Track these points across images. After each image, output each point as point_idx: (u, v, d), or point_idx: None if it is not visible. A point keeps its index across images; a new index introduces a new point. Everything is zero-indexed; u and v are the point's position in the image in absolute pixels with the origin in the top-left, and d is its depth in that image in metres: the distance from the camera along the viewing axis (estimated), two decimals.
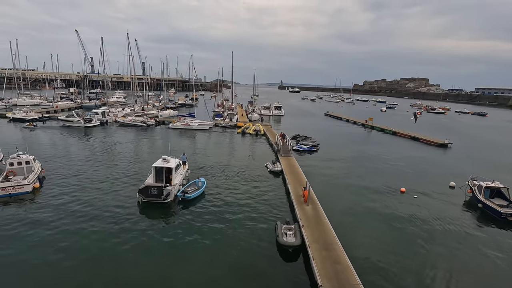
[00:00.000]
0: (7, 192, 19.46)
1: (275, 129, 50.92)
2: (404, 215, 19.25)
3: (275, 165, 27.90)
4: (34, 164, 22.62)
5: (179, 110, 76.99)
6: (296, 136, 43.15)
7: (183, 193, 20.04)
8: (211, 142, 40.91)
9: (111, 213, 17.89)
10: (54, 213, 17.49)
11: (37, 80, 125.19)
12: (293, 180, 23.48)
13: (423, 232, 17.13)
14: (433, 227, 17.88)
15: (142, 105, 68.92)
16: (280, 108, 79.59)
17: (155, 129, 49.32)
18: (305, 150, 36.85)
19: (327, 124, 65.93)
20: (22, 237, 14.92)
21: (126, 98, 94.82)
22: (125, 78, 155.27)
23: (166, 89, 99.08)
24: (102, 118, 51.97)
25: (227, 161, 30.61)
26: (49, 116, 55.25)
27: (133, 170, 26.51)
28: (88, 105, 71.24)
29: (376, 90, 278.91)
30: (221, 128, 52.49)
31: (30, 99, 77.80)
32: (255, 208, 19.44)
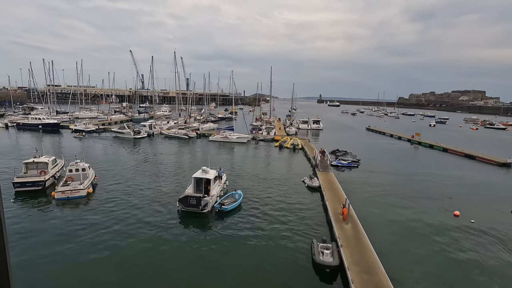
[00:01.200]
0: (65, 195, 21.58)
1: (313, 143, 50.01)
2: (459, 242, 17.34)
3: (313, 180, 27.22)
4: (89, 171, 24.88)
5: (219, 123, 79.65)
6: (335, 151, 41.86)
7: (220, 205, 20.40)
8: (249, 155, 41.41)
9: (153, 219, 18.82)
10: (103, 217, 18.91)
11: (96, 96, 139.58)
12: (332, 197, 22.63)
13: (482, 261, 15.21)
14: (495, 257, 15.79)
15: (185, 119, 72.67)
16: (318, 122, 78.25)
17: (196, 141, 51.49)
18: (345, 165, 35.49)
19: (368, 139, 63.05)
20: (75, 236, 16.32)
21: (171, 111, 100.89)
22: (171, 93, 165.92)
23: (207, 103, 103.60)
24: (149, 130, 55.74)
25: (264, 175, 30.64)
26: (104, 128, 60.81)
27: (175, 179, 27.78)
28: (137, 118, 77.09)
29: (423, 103, 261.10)
30: (259, 141, 53.01)
31: (89, 113, 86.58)
32: (291, 223, 19.03)
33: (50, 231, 16.97)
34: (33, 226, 17.52)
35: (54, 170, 25.50)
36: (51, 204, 20.88)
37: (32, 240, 15.81)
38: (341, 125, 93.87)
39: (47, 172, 24.39)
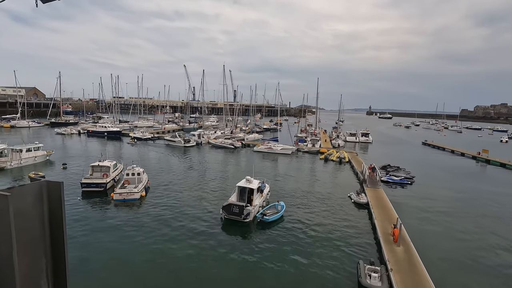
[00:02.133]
0: (122, 197, 23.56)
1: (361, 157, 47.50)
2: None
3: (360, 196, 25.68)
4: (143, 176, 26.91)
5: (264, 134, 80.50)
6: (386, 166, 39.11)
7: (262, 215, 20.34)
8: (293, 167, 40.88)
9: (197, 224, 19.50)
10: (152, 219, 20.16)
11: (153, 106, 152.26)
12: (381, 215, 21.03)
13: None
14: None
15: (231, 129, 75.03)
16: (367, 135, 74.32)
17: (241, 151, 52.59)
18: (397, 182, 32.88)
19: (425, 154, 57.78)
20: (128, 235, 17.64)
21: (218, 122, 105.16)
22: (219, 104, 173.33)
23: (253, 114, 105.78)
24: (198, 139, 58.62)
25: (307, 187, 29.88)
26: (158, 136, 65.69)
27: (219, 187, 28.59)
28: (188, 128, 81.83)
29: (492, 116, 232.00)
30: (304, 153, 52.13)
31: (146, 122, 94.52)
32: (335, 241, 18.09)
33: (107, 228, 18.61)
34: (94, 223, 19.40)
35: (114, 173, 28.12)
36: (110, 204, 22.96)
37: (91, 236, 17.49)
38: (393, 138, 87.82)
39: (108, 175, 26.98)
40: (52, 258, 1.96)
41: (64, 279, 1.99)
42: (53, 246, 1.96)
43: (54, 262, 1.97)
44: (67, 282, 1.99)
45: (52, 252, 1.95)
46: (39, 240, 1.88)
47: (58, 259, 1.97)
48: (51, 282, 1.97)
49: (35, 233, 1.85)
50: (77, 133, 66.35)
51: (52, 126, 76.84)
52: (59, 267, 1.99)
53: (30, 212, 1.83)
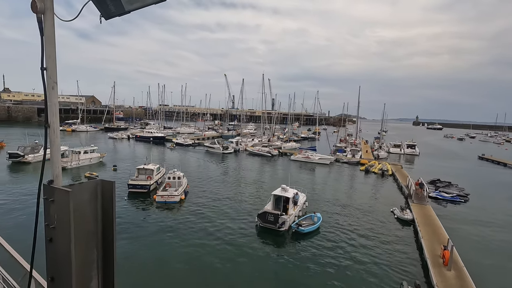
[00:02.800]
0: (164, 199, 24.81)
1: (406, 170, 44.41)
2: None
3: (405, 212, 23.90)
4: (183, 180, 28.09)
5: (302, 143, 79.41)
6: (435, 180, 36.02)
7: (297, 225, 19.92)
8: (331, 178, 39.61)
9: (233, 230, 19.74)
10: (190, 223, 20.84)
11: (194, 114, 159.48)
12: (429, 235, 19.32)
13: None
14: None
15: (268, 137, 75.36)
16: (414, 147, 69.38)
17: (278, 160, 52.43)
18: (447, 199, 30.05)
19: (482, 170, 52.13)
20: (166, 236, 18.44)
21: (256, 130, 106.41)
22: (257, 112, 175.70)
23: (291, 123, 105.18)
24: (236, 147, 59.85)
25: (346, 200, 28.66)
26: (199, 142, 68.41)
27: (255, 194, 28.72)
28: (226, 135, 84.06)
29: None
30: (343, 164, 50.30)
31: (187, 129, 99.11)
32: (375, 258, 16.99)
33: (148, 227, 19.68)
34: (136, 221, 20.65)
35: (157, 176, 29.79)
36: (152, 205, 24.29)
37: (133, 233, 18.60)
38: (444, 151, 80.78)
39: (152, 177, 28.66)
40: (102, 251, 2.12)
41: (112, 271, 2.14)
42: (104, 240, 2.12)
43: (103, 255, 2.13)
44: (115, 275, 2.13)
45: (102, 246, 2.12)
46: (92, 233, 2.06)
47: (108, 252, 2.13)
48: (100, 273, 2.13)
49: (89, 226, 2.03)
50: (126, 138, 71.83)
51: (106, 131, 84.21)
52: (108, 260, 2.15)
53: (86, 207, 2.01)
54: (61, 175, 2.01)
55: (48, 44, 1.89)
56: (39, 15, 1.85)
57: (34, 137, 44.80)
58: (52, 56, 1.91)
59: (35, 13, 1.84)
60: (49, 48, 1.90)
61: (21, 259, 5.96)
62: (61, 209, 1.86)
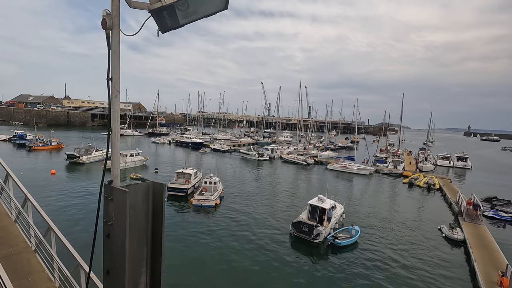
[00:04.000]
0: (200, 203, 25.59)
1: (456, 184, 40.68)
2: None
3: (455, 231, 21.82)
4: (219, 185, 28.76)
5: (339, 152, 76.98)
6: (491, 198, 32.42)
7: (333, 238, 19.20)
8: (370, 189, 37.71)
9: (266, 237, 19.61)
10: (225, 228, 21.17)
11: (231, 121, 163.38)
12: (483, 258, 17.39)
13: None
14: None
15: (304, 145, 74.28)
16: (465, 160, 63.48)
17: (313, 168, 51.35)
18: (506, 219, 26.86)
19: None
20: (199, 240, 18.93)
21: (291, 137, 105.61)
22: (293, 120, 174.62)
23: (328, 131, 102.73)
24: (271, 154, 59.88)
25: (387, 214, 27.02)
26: (235, 149, 69.76)
27: (290, 203, 28.35)
28: (262, 142, 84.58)
29: None
30: (383, 175, 47.66)
31: (224, 135, 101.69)
32: (419, 279, 15.70)
33: (185, 229, 20.37)
34: (175, 223, 21.51)
35: (194, 180, 30.87)
36: (189, 208, 25.17)
37: (171, 234, 19.38)
38: (501, 165, 72.63)
39: (190, 182, 29.76)
40: (151, 248, 2.26)
41: (159, 268, 2.26)
42: (153, 238, 2.26)
43: (152, 252, 2.27)
44: (162, 272, 2.25)
45: (152, 243, 2.26)
46: (144, 231, 2.21)
47: (156, 249, 2.26)
48: (149, 269, 2.27)
49: (141, 224, 2.18)
50: (167, 143, 75.77)
51: (149, 136, 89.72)
52: (156, 257, 2.28)
53: (139, 206, 2.17)
54: (119, 176, 2.19)
55: (114, 57, 2.10)
56: (107, 31, 2.06)
57: (88, 140, 49.32)
58: (117, 68, 2.12)
59: (104, 29, 2.06)
60: (115, 61, 2.11)
61: (74, 251, 6.54)
62: (118, 207, 2.03)
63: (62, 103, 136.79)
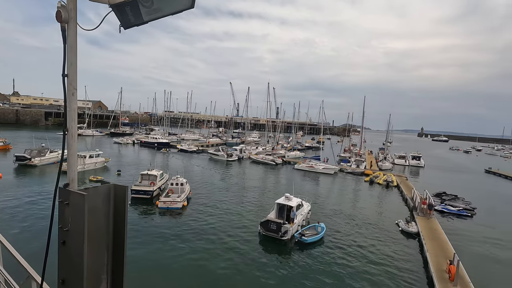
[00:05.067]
0: (166, 205, 24.79)
1: (411, 182, 43.94)
2: None
3: (410, 225, 23.56)
4: (186, 186, 28.11)
5: (306, 152, 79.20)
6: (441, 193, 35.52)
7: (300, 235, 19.73)
8: (335, 188, 39.33)
9: (234, 237, 19.59)
10: (192, 229, 20.74)
11: (199, 121, 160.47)
12: (434, 249, 18.98)
13: None
14: None
15: (272, 145, 75.32)
16: (419, 158, 68.84)
17: (281, 168, 52.29)
18: (453, 212, 29.59)
19: (488, 184, 51.41)
20: (167, 243, 18.37)
21: (260, 138, 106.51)
22: (261, 120, 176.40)
23: (295, 132, 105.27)
24: (240, 154, 59.87)
25: (350, 210, 28.37)
26: (203, 149, 68.63)
27: (258, 202, 28.58)
28: (230, 143, 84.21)
29: None
30: (347, 174, 50.00)
31: (192, 135, 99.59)
32: (379, 272, 16.70)
33: (150, 233, 19.60)
34: (139, 227, 20.60)
35: (160, 182, 29.84)
36: (155, 211, 24.28)
37: (135, 238, 18.55)
38: (450, 163, 79.92)
39: (155, 183, 28.71)
40: (112, 255, 2.15)
41: (121, 276, 2.16)
42: (115, 244, 2.15)
43: (113, 259, 2.16)
44: (124, 279, 2.15)
45: (113, 249, 2.15)
46: (104, 237, 2.09)
47: (118, 256, 2.16)
48: (110, 277, 2.16)
49: (101, 230, 2.07)
50: (131, 143, 72.36)
51: (111, 136, 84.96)
52: (118, 264, 2.18)
53: (99, 210, 2.05)
54: (76, 179, 2.06)
55: (70, 52, 1.97)
56: (63, 24, 1.92)
57: (41, 140, 45.38)
58: (73, 63, 1.98)
59: (59, 22, 1.92)
60: (71, 56, 1.97)
61: (24, 262, 5.99)
62: (75, 212, 1.91)
63: (10, 99, 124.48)
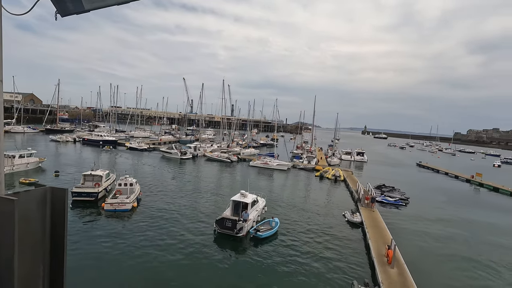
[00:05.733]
0: (113, 207, 23.14)
1: (356, 176, 47.63)
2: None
3: (355, 216, 25.57)
4: (136, 186, 26.55)
5: (260, 149, 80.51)
6: (381, 185, 39.21)
7: (255, 231, 20.08)
8: (288, 183, 40.76)
9: (189, 237, 19.12)
10: (143, 231, 19.72)
11: (150, 117, 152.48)
12: (375, 236, 20.89)
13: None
14: None
15: (228, 143, 75.06)
16: (362, 154, 74.87)
17: (236, 166, 52.42)
18: (391, 203, 32.88)
19: (419, 176, 58.19)
20: (116, 247, 17.20)
21: (215, 135, 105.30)
22: (216, 118, 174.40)
23: (250, 129, 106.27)
24: (194, 152, 58.41)
25: (302, 204, 29.71)
26: (154, 147, 65.38)
27: (214, 200, 28.29)
28: (184, 140, 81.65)
29: (485, 141, 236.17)
30: (299, 170, 52.17)
31: (142, 132, 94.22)
32: (329, 259, 17.85)
33: (96, 239, 18.13)
34: (83, 233, 18.91)
35: (106, 183, 27.73)
36: (100, 214, 22.51)
37: (79, 245, 17.00)
38: (388, 158, 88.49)
39: (100, 184, 26.59)
40: (50, 265, 1.95)
41: (61, 286, 1.97)
42: (53, 253, 1.95)
43: (52, 269, 1.96)
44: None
45: (50, 259, 1.95)
46: (39, 246, 1.88)
47: (57, 266, 1.96)
48: None
49: (36, 238, 1.86)
50: (72, 141, 65.81)
51: (47, 133, 76.21)
52: (57, 275, 1.98)
53: (33, 217, 1.84)
54: (3, 182, 1.82)
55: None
56: None
57: None
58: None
59: None
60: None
61: None
62: (3, 219, 1.68)
63: None
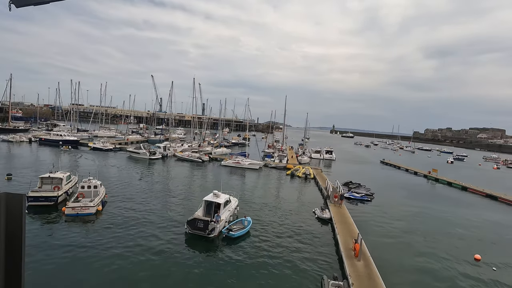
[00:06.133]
0: (75, 211, 21.72)
1: (325, 174, 49.24)
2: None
3: (324, 212, 26.44)
4: (100, 189, 25.16)
5: (232, 148, 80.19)
6: (348, 182, 40.92)
7: (228, 230, 19.98)
8: (260, 182, 41.05)
9: (159, 240, 18.53)
10: (109, 236, 18.75)
11: (116, 116, 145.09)
12: (343, 231, 21.78)
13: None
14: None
15: (199, 142, 73.76)
16: (331, 153, 77.61)
17: (208, 165, 51.71)
18: (358, 198, 34.46)
19: (383, 172, 61.61)
20: (78, 255, 16.19)
21: (185, 135, 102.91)
22: (187, 117, 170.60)
23: (222, 128, 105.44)
24: (164, 152, 56.62)
25: (274, 203, 30.09)
26: (120, 147, 62.38)
27: (185, 201, 27.66)
28: (153, 140, 78.81)
29: (439, 139, 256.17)
30: (271, 168, 52.74)
31: (108, 132, 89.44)
32: (299, 256, 18.27)
33: (57, 246, 16.91)
34: (41, 240, 17.54)
35: (67, 186, 25.96)
36: (61, 219, 21.02)
37: (38, 254, 15.75)
38: (355, 156, 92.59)
39: (60, 187, 24.84)
40: (5, 279, 1.78)
41: None
42: (8, 267, 1.78)
43: (7, 283, 1.79)
44: None
45: (5, 275, 1.77)
46: None
47: (13, 279, 1.79)
48: None
49: None
50: (27, 141, 60.74)
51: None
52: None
53: None
54: None
55: None
56: None
57: None
58: None
59: None
60: None
61: None
62: None
63: None
